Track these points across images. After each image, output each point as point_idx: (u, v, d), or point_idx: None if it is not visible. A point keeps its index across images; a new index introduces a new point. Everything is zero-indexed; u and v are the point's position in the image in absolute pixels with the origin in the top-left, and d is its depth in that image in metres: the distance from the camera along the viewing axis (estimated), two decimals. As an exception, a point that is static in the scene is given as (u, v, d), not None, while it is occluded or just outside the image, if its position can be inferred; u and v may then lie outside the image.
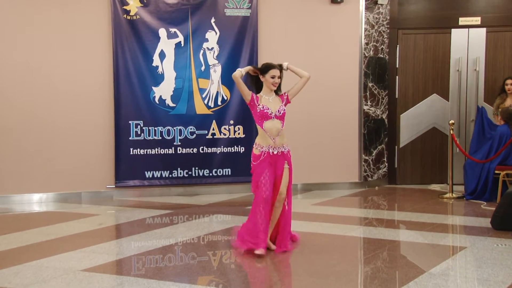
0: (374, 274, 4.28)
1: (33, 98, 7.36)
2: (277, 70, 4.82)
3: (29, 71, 7.34)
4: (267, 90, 4.86)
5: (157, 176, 7.72)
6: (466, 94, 8.58)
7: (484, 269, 4.24)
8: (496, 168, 7.25)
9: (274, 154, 4.79)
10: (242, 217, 6.31)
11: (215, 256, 4.81)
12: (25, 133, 7.34)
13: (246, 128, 7.96)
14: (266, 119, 4.78)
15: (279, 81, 4.83)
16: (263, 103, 4.80)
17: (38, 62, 7.37)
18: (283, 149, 4.84)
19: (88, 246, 5.00)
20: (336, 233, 5.50)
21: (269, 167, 4.75)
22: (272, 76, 4.80)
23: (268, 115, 4.78)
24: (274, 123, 4.80)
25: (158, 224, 6.07)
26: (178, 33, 7.71)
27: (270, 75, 4.80)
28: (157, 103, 7.69)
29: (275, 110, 4.80)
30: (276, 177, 4.80)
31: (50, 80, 7.41)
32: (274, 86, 4.83)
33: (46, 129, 7.42)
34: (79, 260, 4.56)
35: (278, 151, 4.81)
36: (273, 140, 4.78)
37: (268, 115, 4.78)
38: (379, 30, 8.53)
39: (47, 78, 7.40)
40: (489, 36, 8.48)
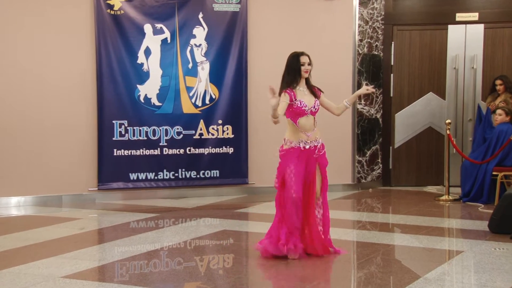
0: (368, 280, 4.29)
1: (10, 96, 7.30)
2: (305, 56, 4.81)
3: (7, 68, 7.29)
4: (301, 80, 4.81)
5: (142, 178, 7.70)
6: (463, 92, 8.63)
7: (481, 274, 4.26)
8: (494, 169, 7.30)
9: (305, 149, 4.75)
10: (231, 221, 6.32)
11: (203, 261, 4.81)
12: (2, 134, 7.29)
13: (235, 128, 7.96)
14: (301, 116, 4.77)
15: (309, 67, 4.81)
16: (300, 98, 4.76)
17: (17, 60, 7.31)
18: (316, 143, 4.80)
19: (69, 252, 4.97)
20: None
21: (298, 162, 4.69)
22: (302, 63, 4.78)
23: (304, 112, 4.75)
24: (308, 119, 4.79)
25: (143, 228, 6.05)
26: (164, 29, 7.69)
27: (300, 63, 4.77)
28: (142, 102, 7.67)
29: (310, 106, 4.78)
30: (307, 174, 4.74)
31: (29, 78, 7.36)
32: (306, 73, 4.80)
33: (25, 129, 7.36)
34: (59, 266, 4.53)
35: (311, 146, 4.78)
36: (306, 135, 4.77)
37: (304, 112, 4.75)
38: (373, 26, 8.56)
39: (26, 76, 7.35)
40: (487, 32, 8.54)
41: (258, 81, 8.04)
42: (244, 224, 6.36)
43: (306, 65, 4.79)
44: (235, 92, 7.94)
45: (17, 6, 7.28)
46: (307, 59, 4.81)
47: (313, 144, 4.79)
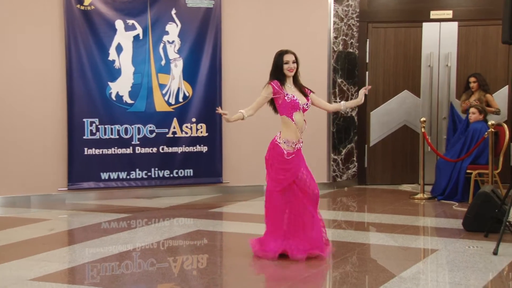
0: (343, 279, 4.32)
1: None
2: (290, 54, 4.76)
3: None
4: (287, 78, 4.79)
5: (114, 178, 7.63)
6: (438, 90, 8.74)
7: (456, 273, 4.32)
8: (468, 167, 7.41)
9: (299, 150, 4.77)
10: (205, 221, 6.30)
11: (176, 262, 4.79)
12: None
13: (209, 126, 7.94)
14: (295, 110, 4.72)
15: (294, 65, 4.77)
16: (289, 92, 4.74)
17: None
18: (300, 145, 4.80)
19: (38, 254, 4.91)
20: (303, 237, 5.52)
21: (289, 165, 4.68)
22: (285, 61, 4.75)
23: (298, 105, 4.71)
24: (301, 116, 4.77)
25: (114, 229, 6.00)
26: (136, 25, 7.63)
27: (284, 61, 4.74)
28: (114, 99, 7.60)
29: (303, 102, 4.76)
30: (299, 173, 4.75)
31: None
32: (290, 72, 4.76)
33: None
34: (28, 268, 4.47)
35: (300, 147, 4.78)
36: (300, 134, 4.75)
37: (298, 105, 4.71)
38: (348, 23, 8.61)
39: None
40: (461, 30, 8.65)
41: (232, 78, 8.03)
42: (219, 224, 6.35)
43: (290, 64, 4.75)
44: (209, 89, 7.91)
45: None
46: (292, 57, 4.76)
47: (300, 145, 4.79)
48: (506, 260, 4.63)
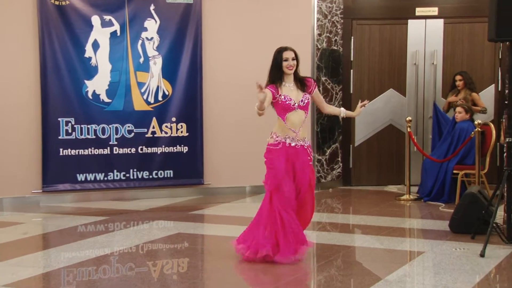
0: (328, 283, 4.33)
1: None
2: (289, 51, 4.77)
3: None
4: (286, 76, 4.79)
5: (91, 179, 7.58)
6: (424, 89, 8.81)
7: (442, 275, 4.35)
8: (455, 167, 7.47)
9: (292, 146, 4.72)
10: (185, 223, 6.28)
11: (156, 266, 4.76)
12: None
13: (190, 126, 7.91)
14: (289, 111, 4.74)
15: (293, 62, 4.76)
16: (285, 93, 4.73)
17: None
18: (303, 143, 4.78)
19: (11, 259, 4.85)
20: (287, 239, 5.53)
21: (285, 159, 4.66)
22: (285, 59, 4.75)
23: (290, 107, 4.72)
24: (298, 115, 4.76)
25: (91, 233, 5.95)
26: (113, 21, 7.58)
27: (283, 59, 4.75)
28: (91, 98, 7.55)
29: (298, 101, 4.75)
30: (295, 174, 4.71)
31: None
32: (289, 69, 4.76)
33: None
34: (0, 274, 4.41)
35: (297, 144, 4.75)
36: (295, 132, 4.74)
37: (290, 107, 4.72)
38: (333, 20, 8.64)
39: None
40: (447, 28, 8.73)
41: (214, 76, 8.02)
42: (200, 227, 6.33)
43: (289, 61, 4.75)
44: (189, 88, 7.89)
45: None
46: (292, 54, 4.77)
47: (300, 143, 4.77)
48: (493, 262, 4.68)
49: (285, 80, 4.79)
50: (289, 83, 4.80)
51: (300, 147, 4.76)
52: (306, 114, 4.82)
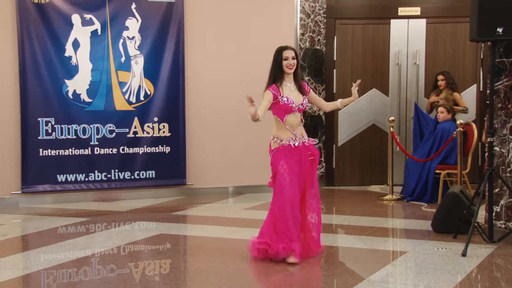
0: (311, 283, 4.34)
1: None
2: (289, 50, 4.79)
3: None
4: (287, 75, 4.81)
5: (71, 180, 7.53)
6: (406, 89, 8.87)
7: (425, 275, 4.39)
8: (437, 167, 7.53)
9: (296, 146, 4.75)
10: (168, 224, 6.27)
11: (137, 268, 4.75)
12: None
13: (172, 126, 7.89)
14: (289, 113, 4.76)
15: (293, 62, 4.78)
16: (287, 94, 4.75)
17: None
18: (304, 140, 4.82)
19: (-10, 261, 4.81)
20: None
21: (290, 160, 4.69)
22: (285, 58, 4.77)
23: (292, 109, 4.75)
24: (296, 117, 4.80)
25: (72, 234, 5.92)
26: (94, 20, 7.54)
27: (283, 58, 4.76)
28: (71, 98, 7.50)
29: (298, 103, 4.78)
30: (300, 173, 4.74)
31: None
32: (290, 69, 4.78)
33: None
34: (-21, 277, 4.38)
35: (299, 142, 4.78)
36: (293, 133, 4.77)
37: (292, 109, 4.75)
38: (316, 20, 8.67)
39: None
40: (429, 27, 8.80)
41: (196, 75, 8.00)
42: (182, 228, 6.31)
43: (290, 60, 4.77)
44: (171, 87, 7.87)
45: None
46: (292, 53, 4.79)
47: (301, 140, 4.81)
48: (474, 262, 4.73)
49: (285, 80, 4.82)
50: (289, 83, 4.83)
51: (302, 145, 4.80)
52: (302, 115, 4.88)
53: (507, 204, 5.26)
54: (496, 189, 5.32)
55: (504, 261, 4.80)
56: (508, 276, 4.46)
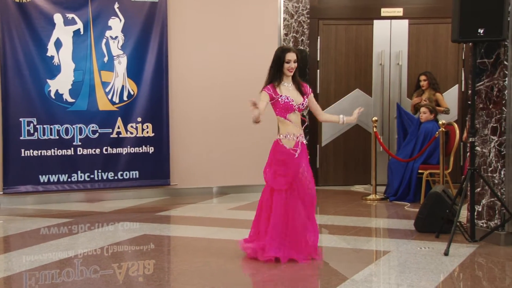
0: (295, 283, 4.35)
1: None
2: (292, 53, 4.79)
3: None
4: (285, 76, 4.83)
5: (54, 181, 7.48)
6: (389, 89, 8.92)
7: (407, 274, 4.42)
8: (420, 167, 7.59)
9: (303, 143, 4.86)
10: (151, 224, 6.24)
11: (121, 269, 4.73)
12: None
13: (156, 126, 7.87)
14: (290, 112, 4.79)
15: (295, 65, 4.79)
16: (285, 93, 4.77)
17: None
18: (303, 139, 4.89)
19: (-29, 263, 4.76)
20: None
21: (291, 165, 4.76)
22: (287, 60, 4.77)
23: (293, 107, 4.78)
24: (296, 116, 4.84)
25: (54, 235, 5.88)
26: (76, 19, 7.49)
27: (286, 60, 4.77)
28: (53, 98, 7.45)
29: (298, 103, 4.80)
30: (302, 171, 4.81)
31: None
32: (290, 72, 4.80)
33: None
34: (-40, 279, 4.33)
35: (302, 141, 4.87)
36: (299, 129, 4.84)
37: (293, 107, 4.78)
38: (299, 20, 8.69)
39: None
40: (412, 28, 8.87)
41: (179, 75, 7.98)
42: (166, 228, 6.30)
43: (291, 63, 4.78)
44: (155, 87, 7.85)
45: None
46: (294, 56, 4.80)
47: (301, 140, 4.87)
48: (456, 261, 4.77)
49: (284, 80, 4.84)
50: (287, 83, 4.85)
51: (302, 144, 4.87)
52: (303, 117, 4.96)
53: (488, 204, 5.32)
54: (477, 189, 5.37)
55: (485, 260, 4.85)
56: (490, 275, 4.51)
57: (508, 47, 5.09)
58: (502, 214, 5.20)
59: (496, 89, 5.21)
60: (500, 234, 5.23)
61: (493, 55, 5.24)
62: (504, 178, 5.19)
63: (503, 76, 5.15)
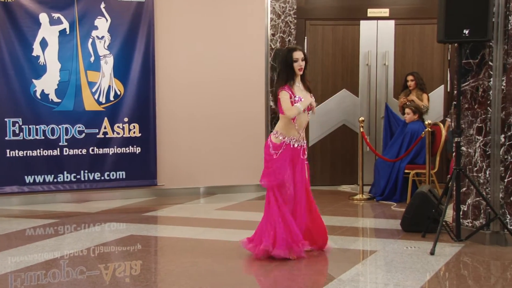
0: (281, 283, 4.36)
1: None
2: (298, 52, 4.81)
3: None
4: (296, 76, 4.85)
5: (40, 181, 7.43)
6: (376, 89, 8.96)
7: (394, 274, 4.44)
8: (406, 167, 7.63)
9: (294, 147, 4.83)
10: (138, 225, 6.23)
11: (108, 269, 4.71)
12: None
13: (143, 126, 7.85)
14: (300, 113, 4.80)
15: (303, 63, 4.81)
16: (298, 93, 4.80)
17: None
18: (302, 143, 4.89)
19: (-45, 264, 4.72)
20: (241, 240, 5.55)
21: (289, 161, 4.78)
22: (295, 59, 4.78)
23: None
24: (305, 117, 4.86)
25: (40, 236, 5.84)
26: (62, 19, 7.45)
27: (293, 59, 4.78)
28: (39, 98, 7.40)
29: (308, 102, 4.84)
30: (294, 174, 4.82)
31: None
32: (300, 71, 4.82)
33: None
34: None
35: (299, 145, 4.85)
36: (299, 133, 4.83)
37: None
38: (286, 21, 8.70)
39: None
40: (398, 29, 8.91)
41: (166, 75, 7.97)
42: (153, 228, 6.28)
43: (299, 61, 4.80)
44: (142, 87, 7.83)
45: None
46: (301, 55, 4.82)
47: (301, 143, 4.88)
48: (442, 260, 4.80)
49: (296, 80, 4.86)
50: (299, 83, 4.88)
51: (300, 147, 4.88)
52: (309, 116, 4.96)
53: (473, 203, 5.36)
54: (463, 188, 5.41)
55: (471, 259, 4.88)
56: (475, 274, 4.54)
57: (493, 48, 5.14)
58: (487, 213, 5.24)
59: (481, 89, 5.25)
60: (485, 233, 5.27)
61: (478, 55, 5.28)
62: (489, 178, 5.23)
63: (488, 76, 5.19)
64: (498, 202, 5.20)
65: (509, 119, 5.15)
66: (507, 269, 4.65)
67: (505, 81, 5.13)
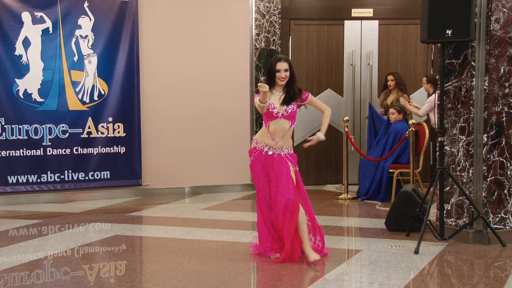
0: (266, 282, 4.37)
1: None
2: (282, 63, 4.76)
3: None
4: (276, 85, 4.83)
5: (23, 182, 7.38)
6: (360, 89, 9.01)
7: (378, 273, 4.47)
8: (390, 166, 7.68)
9: (268, 155, 4.79)
10: (123, 225, 6.20)
11: (92, 270, 4.69)
12: None
13: (127, 126, 7.82)
14: (272, 119, 4.78)
15: (285, 74, 4.76)
16: (272, 101, 4.77)
17: None
18: (280, 151, 4.80)
19: None
20: (226, 240, 5.55)
21: (261, 166, 4.80)
22: (277, 70, 4.76)
23: (273, 115, 4.76)
24: (279, 124, 4.79)
25: (23, 236, 5.80)
26: (45, 18, 7.40)
27: (276, 69, 4.76)
28: (22, 97, 7.35)
29: (282, 110, 4.78)
30: (270, 181, 4.80)
31: None
32: (281, 81, 4.78)
33: None
34: None
35: (275, 152, 4.80)
36: (274, 141, 4.79)
37: (273, 115, 4.76)
38: (271, 20, 8.72)
39: None
40: (382, 29, 8.97)
41: (151, 75, 7.95)
42: (138, 229, 6.26)
43: (281, 72, 4.76)
44: (126, 87, 7.80)
45: None
46: (285, 66, 4.77)
47: (277, 151, 4.81)
48: (426, 259, 4.84)
49: (275, 88, 4.84)
50: (278, 92, 4.85)
51: (277, 156, 4.80)
52: (291, 125, 4.85)
53: (457, 202, 5.41)
54: (447, 188, 5.46)
55: (454, 258, 4.93)
56: (458, 272, 4.58)
57: (475, 48, 5.19)
58: (470, 212, 5.30)
59: (464, 89, 5.30)
60: (468, 232, 5.32)
61: (461, 55, 5.33)
62: (472, 177, 5.28)
63: (470, 76, 5.24)
64: (481, 201, 5.26)
65: (492, 119, 5.21)
66: (490, 267, 4.70)
67: (487, 81, 5.18)
